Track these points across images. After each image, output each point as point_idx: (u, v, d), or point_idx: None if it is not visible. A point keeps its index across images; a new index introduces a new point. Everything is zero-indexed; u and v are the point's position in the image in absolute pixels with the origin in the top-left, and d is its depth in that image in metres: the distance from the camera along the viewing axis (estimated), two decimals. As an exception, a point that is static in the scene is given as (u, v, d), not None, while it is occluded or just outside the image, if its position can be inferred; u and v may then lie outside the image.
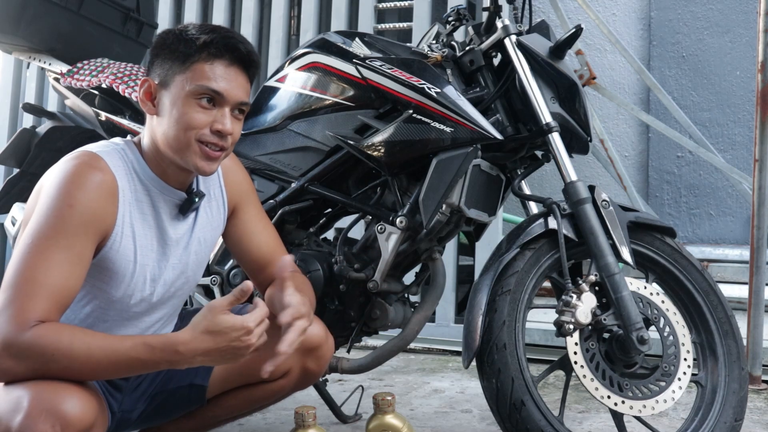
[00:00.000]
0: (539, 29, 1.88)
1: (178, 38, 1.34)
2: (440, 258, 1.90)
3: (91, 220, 1.25)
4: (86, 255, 1.25)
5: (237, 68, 1.35)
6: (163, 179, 1.38)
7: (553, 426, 1.57)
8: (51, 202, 1.24)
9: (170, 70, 1.33)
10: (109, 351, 1.17)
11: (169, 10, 4.10)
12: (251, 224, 1.55)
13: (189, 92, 1.31)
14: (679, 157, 4.40)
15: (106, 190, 1.28)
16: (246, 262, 1.57)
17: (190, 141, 1.31)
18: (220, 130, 1.32)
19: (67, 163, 1.28)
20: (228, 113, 1.33)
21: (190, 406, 1.53)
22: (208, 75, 1.31)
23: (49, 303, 1.17)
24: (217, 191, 1.51)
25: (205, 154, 1.32)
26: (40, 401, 1.11)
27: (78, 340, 1.16)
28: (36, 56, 2.45)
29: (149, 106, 1.36)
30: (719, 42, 4.37)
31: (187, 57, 1.32)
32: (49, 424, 1.09)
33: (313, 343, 1.48)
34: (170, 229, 1.40)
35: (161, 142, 1.34)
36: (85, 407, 1.14)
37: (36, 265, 1.18)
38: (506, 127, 1.80)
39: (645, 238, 1.76)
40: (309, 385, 1.59)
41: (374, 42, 1.91)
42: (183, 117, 1.31)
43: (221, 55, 1.33)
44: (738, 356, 1.73)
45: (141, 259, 1.35)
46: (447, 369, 2.97)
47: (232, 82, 1.33)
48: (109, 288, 1.33)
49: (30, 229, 1.23)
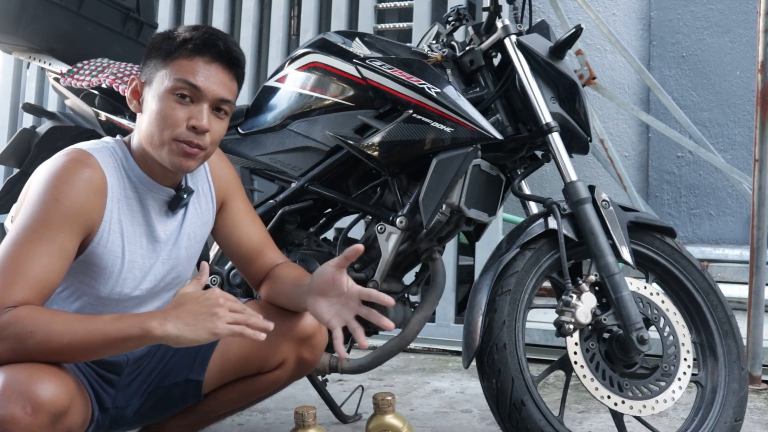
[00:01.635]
0: (539, 29, 1.88)
1: (163, 38, 1.37)
2: (440, 258, 1.90)
3: (77, 214, 1.26)
4: (69, 249, 1.25)
5: (218, 65, 1.35)
6: (151, 177, 1.39)
7: (553, 426, 1.57)
8: (38, 196, 1.25)
9: (153, 68, 1.36)
10: (87, 323, 1.17)
11: (169, 10, 4.10)
12: (239, 218, 1.57)
13: (167, 88, 1.32)
14: (679, 157, 4.40)
15: (94, 186, 1.29)
16: (236, 256, 1.58)
17: (165, 139, 1.32)
18: (195, 126, 1.32)
19: (56, 159, 1.30)
20: (205, 110, 1.33)
21: (186, 402, 1.54)
22: (186, 70, 1.32)
23: (28, 291, 1.18)
24: (206, 187, 1.52)
25: (182, 151, 1.33)
26: (12, 382, 1.11)
27: (57, 316, 1.18)
28: (36, 56, 2.45)
29: (135, 104, 1.38)
30: (719, 42, 4.37)
31: (168, 54, 1.34)
32: (19, 405, 1.09)
33: (308, 332, 1.51)
34: (159, 225, 1.42)
35: (144, 139, 1.36)
36: (59, 390, 1.14)
37: (18, 256, 1.20)
38: (506, 127, 1.80)
39: (645, 238, 1.76)
40: (305, 374, 1.61)
41: (374, 42, 1.91)
42: (160, 113, 1.32)
43: (201, 52, 1.34)
44: (738, 356, 1.73)
45: (129, 255, 1.36)
46: (447, 369, 2.97)
47: (211, 78, 1.34)
48: (96, 284, 1.34)
49: (17, 222, 1.25)
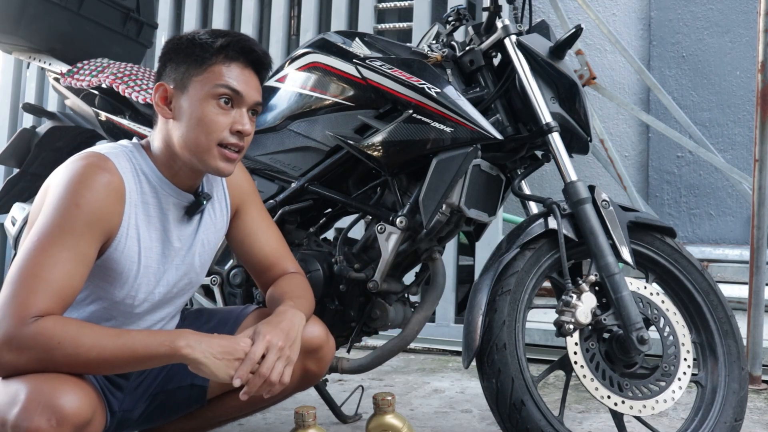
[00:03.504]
0: (539, 29, 1.88)
1: (192, 42, 1.37)
2: (440, 258, 1.90)
3: (97, 220, 1.26)
4: (90, 254, 1.25)
5: (251, 71, 1.40)
6: (172, 181, 1.39)
7: (553, 426, 1.57)
8: (58, 202, 1.25)
9: (186, 73, 1.35)
10: (115, 337, 1.19)
11: (169, 10, 4.10)
12: (254, 225, 1.56)
13: (208, 93, 1.34)
14: (679, 157, 4.40)
15: (113, 191, 1.29)
16: (249, 264, 1.58)
17: (211, 145, 1.34)
18: (241, 131, 1.36)
19: (75, 163, 1.29)
20: (246, 113, 1.38)
21: (190, 407, 1.54)
22: (227, 76, 1.35)
23: (51, 299, 1.18)
24: (220, 193, 1.52)
25: (225, 156, 1.36)
26: (37, 394, 1.11)
27: (85, 328, 1.18)
28: (36, 56, 2.45)
29: (165, 110, 1.37)
30: (719, 42, 4.37)
31: (204, 60, 1.35)
32: (45, 418, 1.09)
33: (314, 344, 1.48)
34: (175, 231, 1.42)
35: (178, 144, 1.36)
36: (83, 402, 1.14)
37: (40, 263, 1.19)
38: (506, 127, 1.80)
39: (645, 238, 1.76)
40: (310, 386, 1.59)
41: (374, 42, 1.91)
42: (203, 119, 1.33)
43: (237, 58, 1.37)
44: (738, 356, 1.73)
45: (144, 260, 1.36)
46: (447, 369, 2.97)
47: (249, 83, 1.38)
48: (112, 288, 1.34)
49: (36, 227, 1.24)
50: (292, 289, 1.49)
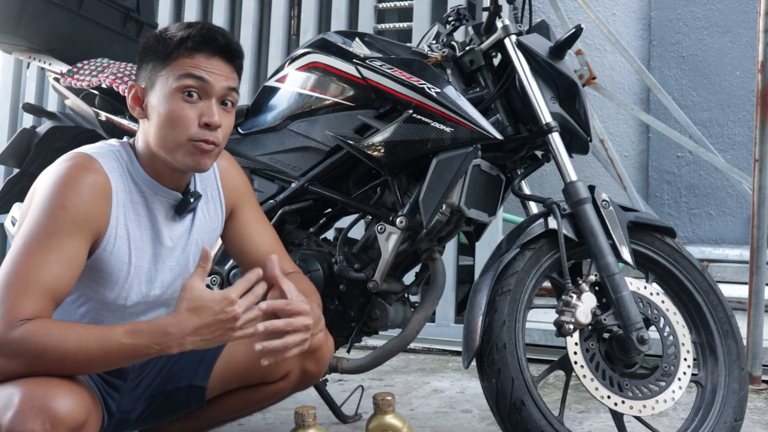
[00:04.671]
0: (539, 29, 1.88)
1: (157, 39, 1.34)
2: (440, 258, 1.90)
3: (83, 220, 1.24)
4: (78, 255, 1.24)
5: (219, 59, 1.34)
6: (158, 180, 1.37)
7: (553, 426, 1.57)
8: (43, 204, 1.24)
9: (153, 71, 1.33)
10: (101, 339, 1.17)
11: (169, 10, 4.10)
12: (250, 226, 1.55)
13: (173, 88, 1.30)
14: (679, 157, 4.40)
15: (98, 191, 1.27)
16: (246, 264, 1.56)
17: (180, 141, 1.31)
18: (209, 123, 1.31)
19: (60, 165, 1.28)
20: (215, 104, 1.32)
21: (189, 407, 1.53)
22: (189, 66, 1.31)
23: (40, 302, 1.17)
24: (215, 193, 1.50)
25: (199, 150, 1.31)
26: (30, 398, 1.10)
27: (69, 331, 1.16)
28: (36, 56, 2.45)
29: (138, 111, 1.36)
30: (719, 42, 4.37)
31: (167, 55, 1.32)
32: (39, 422, 1.09)
33: (313, 344, 1.46)
34: (166, 230, 1.40)
35: (153, 144, 1.34)
36: (76, 404, 1.14)
37: (27, 266, 1.18)
38: (506, 127, 1.80)
39: (645, 238, 1.76)
40: (309, 386, 1.59)
41: (374, 42, 1.91)
42: (170, 115, 1.30)
43: (200, 48, 1.32)
44: (738, 356, 1.73)
45: (135, 260, 1.35)
46: (447, 369, 2.97)
47: (215, 71, 1.33)
48: (103, 289, 1.33)
49: (23, 230, 1.23)
50: (303, 287, 1.47)
